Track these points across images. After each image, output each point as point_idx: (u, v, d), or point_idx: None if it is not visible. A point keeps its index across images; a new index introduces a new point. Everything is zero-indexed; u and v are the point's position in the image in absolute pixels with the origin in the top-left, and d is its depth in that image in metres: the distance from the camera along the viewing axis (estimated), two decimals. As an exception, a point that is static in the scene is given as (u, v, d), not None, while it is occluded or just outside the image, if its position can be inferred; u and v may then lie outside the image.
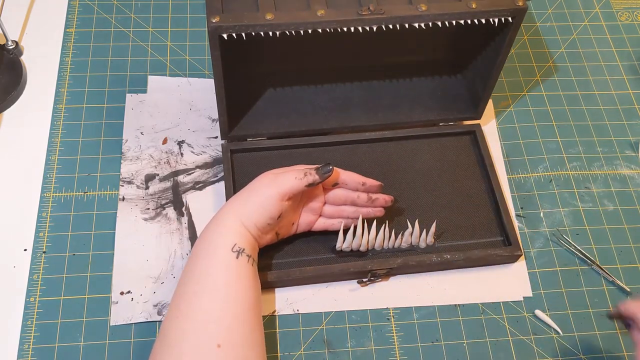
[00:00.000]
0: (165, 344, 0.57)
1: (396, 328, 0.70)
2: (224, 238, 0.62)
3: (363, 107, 0.81)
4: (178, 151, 0.79)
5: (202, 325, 0.57)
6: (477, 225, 0.75)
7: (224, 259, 0.60)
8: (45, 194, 0.75)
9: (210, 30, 0.62)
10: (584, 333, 0.71)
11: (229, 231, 0.62)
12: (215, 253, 0.61)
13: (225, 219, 0.63)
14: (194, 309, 0.58)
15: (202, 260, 0.61)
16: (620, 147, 0.85)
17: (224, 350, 0.56)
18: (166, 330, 0.58)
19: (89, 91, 0.83)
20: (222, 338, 0.57)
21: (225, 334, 0.57)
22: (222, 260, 0.60)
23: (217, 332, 0.57)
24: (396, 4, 0.65)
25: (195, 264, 0.61)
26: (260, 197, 0.64)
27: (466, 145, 0.81)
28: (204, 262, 0.61)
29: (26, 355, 0.65)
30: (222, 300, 0.59)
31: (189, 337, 0.57)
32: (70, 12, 0.90)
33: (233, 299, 0.59)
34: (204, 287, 0.59)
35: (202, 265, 0.61)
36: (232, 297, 0.59)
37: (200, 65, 0.86)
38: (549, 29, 0.95)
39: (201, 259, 0.61)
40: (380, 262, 0.70)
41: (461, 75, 0.84)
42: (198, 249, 0.62)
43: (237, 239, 0.62)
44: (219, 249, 0.61)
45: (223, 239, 0.62)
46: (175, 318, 0.59)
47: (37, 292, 0.69)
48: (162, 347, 0.58)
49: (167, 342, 0.57)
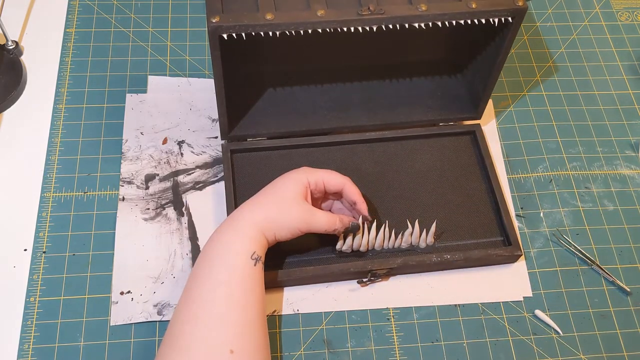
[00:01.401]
0: (175, 348, 0.57)
1: (396, 328, 0.70)
2: (244, 246, 0.61)
3: (363, 107, 0.81)
4: (178, 151, 0.79)
5: (216, 330, 0.57)
6: (477, 225, 0.75)
7: (243, 267, 0.60)
8: (45, 194, 0.75)
9: (210, 30, 0.62)
10: (584, 333, 0.71)
11: (250, 240, 0.62)
12: (235, 260, 0.60)
13: (247, 228, 0.62)
14: (208, 314, 0.58)
15: (219, 265, 0.60)
16: (620, 147, 0.85)
17: (236, 356, 0.56)
18: (176, 334, 0.58)
19: (89, 91, 0.83)
20: (236, 344, 0.57)
21: (239, 339, 0.57)
22: (241, 267, 0.60)
23: (231, 338, 0.57)
24: (396, 4, 0.65)
25: (210, 268, 0.61)
26: (287, 221, 0.64)
27: (466, 145, 0.81)
28: (221, 268, 0.60)
29: (26, 355, 0.65)
30: (239, 307, 0.59)
31: (202, 342, 0.57)
32: (70, 12, 0.90)
33: (249, 306, 0.59)
34: (220, 293, 0.59)
35: (219, 270, 0.60)
36: (248, 303, 0.59)
37: (200, 65, 0.86)
38: (549, 29, 0.95)
39: (217, 263, 0.61)
40: (380, 262, 0.70)
41: (461, 75, 0.84)
42: (213, 253, 0.62)
43: (256, 247, 0.62)
44: (240, 255, 0.61)
45: (243, 246, 0.61)
46: (187, 322, 0.58)
47: (37, 292, 0.69)
48: (172, 350, 0.57)
49: (178, 345, 0.57)
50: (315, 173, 0.68)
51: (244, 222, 0.63)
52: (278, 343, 0.68)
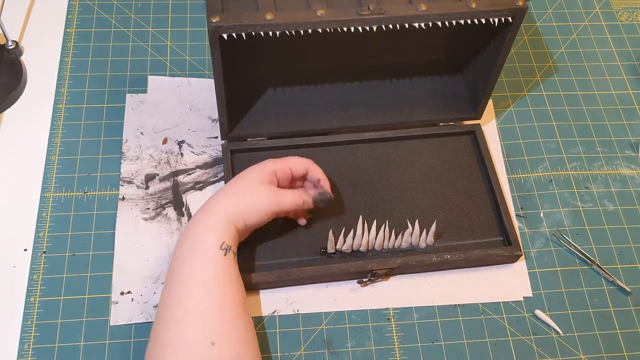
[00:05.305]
0: (159, 347, 0.58)
1: (396, 328, 0.70)
2: (212, 238, 0.61)
3: (363, 107, 0.81)
4: (178, 151, 0.79)
5: (195, 325, 0.58)
6: (477, 225, 0.75)
7: (214, 259, 0.61)
8: (45, 194, 0.75)
9: (210, 30, 0.62)
10: (584, 333, 0.71)
11: (218, 231, 0.62)
12: (205, 253, 0.61)
13: (214, 219, 0.63)
14: (185, 311, 0.58)
15: (190, 260, 0.61)
16: (620, 147, 0.85)
17: (218, 347, 0.57)
18: (158, 332, 0.59)
19: (89, 91, 0.83)
20: (216, 336, 0.57)
21: (219, 331, 0.58)
22: (213, 259, 0.61)
23: (211, 330, 0.58)
24: (396, 3, 0.65)
25: (182, 265, 0.61)
26: (256, 204, 0.65)
27: (466, 145, 0.81)
28: (193, 263, 0.60)
29: (26, 355, 0.65)
30: (215, 299, 0.59)
31: (182, 338, 0.57)
32: (70, 12, 0.90)
33: (226, 297, 0.60)
34: (195, 288, 0.59)
35: (191, 266, 0.60)
36: (225, 295, 0.60)
37: (200, 65, 0.86)
38: (549, 29, 0.95)
39: (189, 259, 0.61)
40: (380, 262, 0.70)
41: (461, 75, 0.84)
42: (184, 249, 0.62)
43: (225, 237, 0.62)
44: (210, 248, 0.61)
45: (212, 238, 0.61)
46: (167, 321, 0.59)
47: (37, 292, 0.69)
48: (156, 350, 0.58)
49: (160, 344, 0.58)
50: (280, 161, 0.69)
51: (211, 214, 0.63)
52: (278, 343, 0.68)
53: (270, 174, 0.67)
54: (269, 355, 0.67)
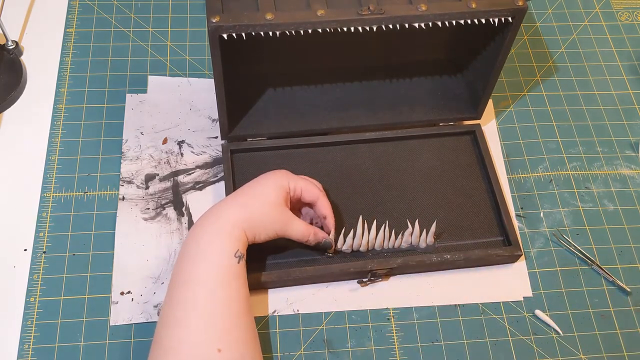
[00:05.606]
0: (162, 351, 0.57)
1: (396, 328, 0.70)
2: (228, 245, 0.61)
3: (363, 107, 0.81)
4: (178, 151, 0.79)
5: (202, 331, 0.57)
6: (477, 225, 0.75)
7: (227, 265, 0.60)
8: (45, 194, 0.75)
9: (210, 30, 0.62)
10: (584, 333, 0.71)
11: (233, 239, 0.62)
12: (218, 259, 0.60)
13: (230, 227, 0.62)
14: (192, 315, 0.58)
15: (201, 265, 0.60)
16: (620, 147, 0.85)
17: (224, 354, 0.56)
18: (162, 336, 0.58)
19: (89, 91, 0.83)
20: (223, 343, 0.57)
21: (226, 338, 0.57)
22: (225, 266, 0.60)
23: (218, 337, 0.57)
24: (396, 3, 0.65)
25: (192, 268, 0.60)
26: (266, 223, 0.64)
27: (466, 145, 0.81)
28: (204, 267, 0.60)
29: (26, 355, 0.65)
30: (223, 306, 0.58)
31: (188, 343, 0.57)
32: (70, 12, 0.90)
33: (235, 303, 0.59)
34: (204, 293, 0.59)
35: (201, 270, 0.60)
36: (233, 301, 0.59)
37: (200, 65, 0.86)
38: (549, 29, 0.95)
39: (200, 263, 0.60)
40: (380, 262, 0.70)
41: (461, 75, 0.84)
42: (195, 252, 0.61)
43: (239, 245, 0.62)
44: (223, 254, 0.60)
45: (226, 245, 0.61)
46: (172, 325, 0.58)
47: (37, 292, 0.69)
48: (160, 354, 0.57)
49: (164, 348, 0.57)
50: (296, 181, 0.68)
51: (226, 221, 0.63)
52: (278, 343, 0.68)
53: (286, 191, 0.67)
54: (269, 355, 0.67)
